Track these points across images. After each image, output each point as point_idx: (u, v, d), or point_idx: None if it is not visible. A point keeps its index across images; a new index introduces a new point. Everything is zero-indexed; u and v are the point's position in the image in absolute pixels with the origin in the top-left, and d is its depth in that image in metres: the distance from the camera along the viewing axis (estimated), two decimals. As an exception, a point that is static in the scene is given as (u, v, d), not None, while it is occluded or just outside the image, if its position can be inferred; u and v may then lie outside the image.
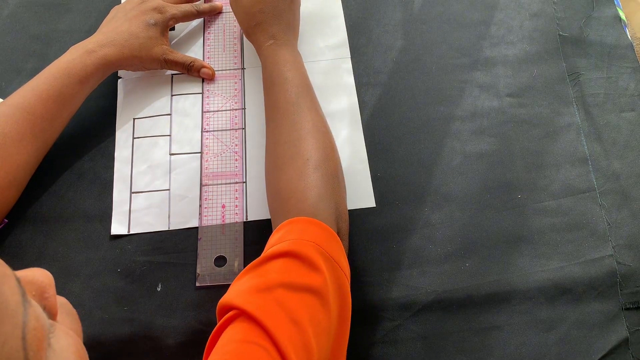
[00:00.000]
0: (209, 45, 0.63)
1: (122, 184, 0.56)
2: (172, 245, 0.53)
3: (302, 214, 0.44)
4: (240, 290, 0.39)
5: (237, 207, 0.55)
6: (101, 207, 0.55)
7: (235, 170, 0.56)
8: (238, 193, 0.55)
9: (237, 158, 0.57)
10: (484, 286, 0.51)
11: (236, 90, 0.61)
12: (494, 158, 0.57)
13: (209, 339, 0.37)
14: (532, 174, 0.56)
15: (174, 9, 0.59)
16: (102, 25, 0.59)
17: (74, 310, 0.34)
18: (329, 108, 0.59)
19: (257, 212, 0.54)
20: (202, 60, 0.61)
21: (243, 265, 0.52)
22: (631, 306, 0.50)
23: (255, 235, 0.54)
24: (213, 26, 0.65)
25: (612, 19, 0.63)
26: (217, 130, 0.58)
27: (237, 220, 0.54)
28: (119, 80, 0.61)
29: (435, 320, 0.50)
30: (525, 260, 0.52)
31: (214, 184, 0.56)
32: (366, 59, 0.62)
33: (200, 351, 0.49)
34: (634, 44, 0.63)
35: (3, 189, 0.50)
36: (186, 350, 0.49)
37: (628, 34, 0.63)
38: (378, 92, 0.60)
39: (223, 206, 0.55)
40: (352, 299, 0.42)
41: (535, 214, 0.54)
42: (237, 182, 0.56)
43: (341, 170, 0.51)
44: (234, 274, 0.52)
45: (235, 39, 0.64)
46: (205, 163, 0.57)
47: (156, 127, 0.59)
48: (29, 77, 0.61)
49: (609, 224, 0.54)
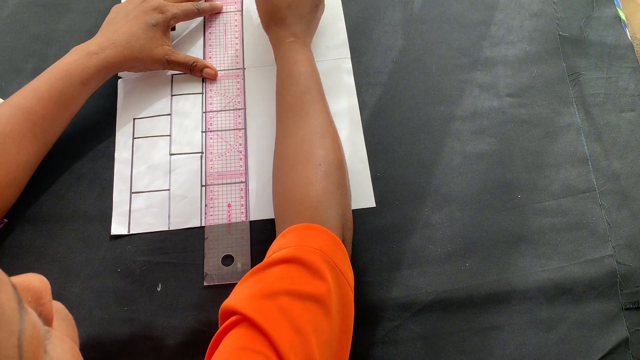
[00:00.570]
0: (210, 45, 0.63)
1: (122, 184, 0.56)
2: (172, 245, 0.53)
3: (310, 220, 0.44)
4: (244, 295, 0.38)
5: (242, 206, 0.55)
6: (101, 208, 0.55)
7: (240, 169, 0.56)
8: (243, 192, 0.55)
9: (242, 157, 0.57)
10: (484, 286, 0.51)
11: (239, 89, 0.61)
12: (494, 158, 0.57)
13: (211, 343, 0.37)
14: (532, 174, 0.56)
15: (174, 8, 0.59)
16: (103, 25, 0.59)
17: (69, 316, 0.33)
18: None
19: (260, 212, 0.54)
20: (204, 60, 0.61)
21: (250, 264, 0.52)
22: (631, 306, 0.50)
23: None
24: (214, 26, 0.65)
25: (612, 19, 0.63)
26: (221, 130, 0.58)
27: (243, 219, 0.54)
28: (119, 81, 0.61)
29: (435, 320, 0.50)
30: (525, 260, 0.52)
31: (219, 184, 0.56)
32: (366, 59, 0.62)
33: (200, 351, 0.49)
34: (634, 44, 0.63)
35: (3, 189, 0.50)
36: (186, 350, 0.49)
37: (628, 34, 0.63)
38: (378, 92, 0.60)
39: (229, 205, 0.55)
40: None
41: (535, 214, 0.54)
42: (242, 182, 0.56)
43: (348, 177, 0.51)
44: (241, 272, 0.52)
45: (236, 38, 0.64)
46: (209, 163, 0.57)
47: (156, 127, 0.59)
48: (29, 77, 0.61)
49: (609, 224, 0.54)
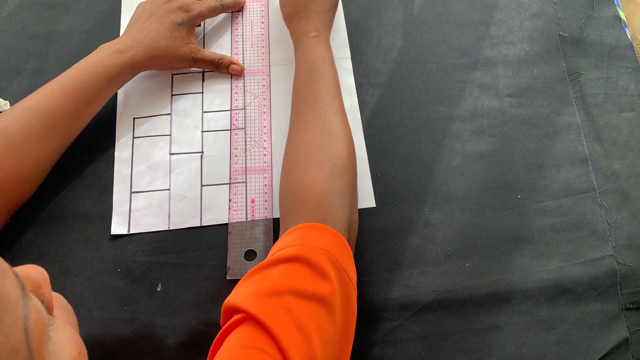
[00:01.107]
0: (236, 42, 0.63)
1: (122, 184, 0.56)
2: (172, 245, 0.53)
3: (319, 218, 0.44)
4: (248, 292, 0.38)
5: (266, 202, 0.55)
6: (101, 208, 0.55)
7: (265, 165, 0.56)
8: (267, 188, 0.56)
9: (266, 154, 0.57)
10: (484, 286, 0.51)
11: (264, 86, 0.61)
12: (494, 158, 0.57)
13: (215, 341, 0.37)
14: (532, 174, 0.56)
15: (199, 7, 0.59)
16: (129, 24, 0.59)
17: (69, 305, 0.34)
18: (329, 108, 0.59)
19: None
20: (230, 57, 0.61)
21: None
22: (631, 306, 0.50)
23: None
24: (240, 23, 0.65)
25: (612, 19, 0.63)
26: (245, 127, 0.58)
27: (267, 215, 0.54)
28: (119, 80, 0.61)
29: (435, 320, 0.50)
30: (525, 260, 0.52)
31: (242, 181, 0.56)
32: (366, 59, 0.62)
33: (201, 351, 0.49)
34: (634, 44, 0.63)
35: (23, 183, 0.51)
36: (186, 350, 0.49)
37: (628, 34, 0.63)
38: (378, 92, 0.60)
39: (252, 201, 0.55)
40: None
41: (535, 214, 0.54)
42: (265, 177, 0.56)
43: (356, 178, 0.51)
44: None
45: (262, 34, 0.64)
46: (234, 158, 0.57)
47: (156, 127, 0.59)
48: (29, 77, 0.61)
49: (609, 224, 0.54)
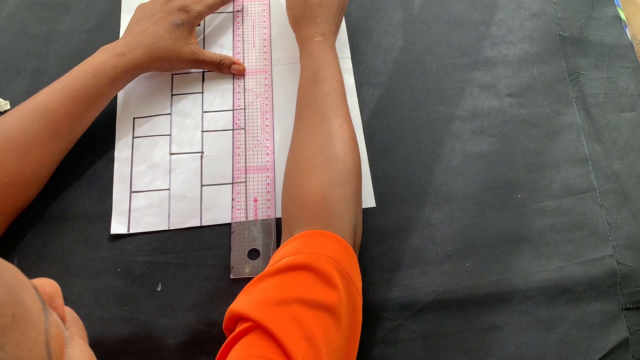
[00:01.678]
0: (238, 42, 0.63)
1: (122, 184, 0.56)
2: (172, 245, 0.53)
3: (324, 225, 0.44)
4: (255, 300, 0.38)
5: (269, 201, 0.55)
6: (101, 208, 0.55)
7: (267, 164, 0.57)
8: (270, 187, 0.56)
9: (269, 153, 0.57)
10: (484, 286, 0.51)
11: (266, 85, 0.61)
12: (494, 158, 0.57)
13: (222, 349, 0.36)
14: (532, 174, 0.56)
15: (198, 6, 0.58)
16: (128, 26, 0.59)
17: (79, 319, 0.34)
18: (329, 108, 0.59)
19: None
20: (231, 57, 0.61)
21: None
22: (631, 306, 0.50)
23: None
24: (242, 23, 0.65)
25: (612, 19, 0.63)
26: (248, 127, 0.58)
27: (270, 214, 0.54)
28: (119, 80, 0.61)
29: (435, 320, 0.50)
30: (525, 260, 0.52)
31: (243, 181, 0.56)
32: (366, 59, 0.62)
33: (201, 351, 0.49)
34: (634, 44, 0.63)
35: (27, 186, 0.51)
36: (186, 350, 0.49)
37: (628, 34, 0.63)
38: (378, 92, 0.60)
39: (255, 200, 0.55)
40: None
41: (536, 214, 0.54)
42: (268, 177, 0.56)
43: (361, 184, 0.50)
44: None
45: (265, 34, 0.64)
46: (236, 157, 0.57)
47: (156, 126, 0.59)
48: (29, 77, 0.61)
49: (609, 224, 0.54)
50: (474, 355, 0.49)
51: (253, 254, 0.53)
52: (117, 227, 0.54)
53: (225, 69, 0.60)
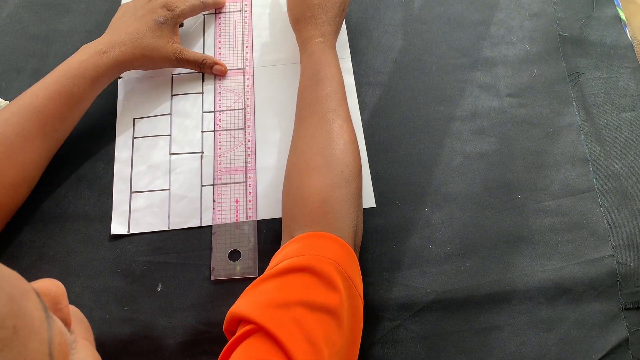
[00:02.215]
0: (220, 42, 0.63)
1: (122, 184, 0.56)
2: (172, 245, 0.53)
3: (325, 227, 0.43)
4: (257, 302, 0.38)
5: (250, 202, 0.55)
6: (101, 208, 0.55)
7: (249, 165, 0.57)
8: (252, 188, 0.56)
9: (250, 154, 0.57)
10: (484, 286, 0.51)
11: (248, 87, 0.61)
12: (494, 158, 0.57)
13: (224, 351, 0.36)
14: (532, 174, 0.56)
15: (182, 5, 0.59)
16: (111, 24, 0.58)
17: (85, 319, 0.34)
18: (329, 108, 0.59)
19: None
20: (213, 57, 0.61)
21: (257, 259, 0.52)
22: (631, 306, 0.50)
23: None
24: (223, 24, 0.65)
25: (612, 19, 0.63)
26: (229, 129, 0.58)
27: (251, 215, 0.54)
28: (119, 81, 0.61)
29: (435, 320, 0.50)
30: (525, 260, 0.52)
31: (227, 182, 0.56)
32: (366, 60, 0.62)
33: (200, 351, 0.49)
34: (634, 44, 0.63)
35: (15, 187, 0.51)
36: (186, 350, 0.49)
37: (628, 34, 0.63)
38: (378, 92, 0.60)
39: (236, 201, 0.55)
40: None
41: (535, 214, 0.54)
42: (250, 177, 0.56)
43: (362, 186, 0.50)
44: (248, 267, 0.52)
45: (246, 34, 0.64)
46: (217, 158, 0.57)
47: (156, 127, 0.59)
48: (29, 77, 0.61)
49: (609, 224, 0.54)
50: (474, 355, 0.49)
51: (234, 255, 0.53)
52: (117, 227, 0.54)
53: (207, 69, 0.60)
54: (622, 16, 0.64)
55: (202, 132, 0.58)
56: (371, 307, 0.50)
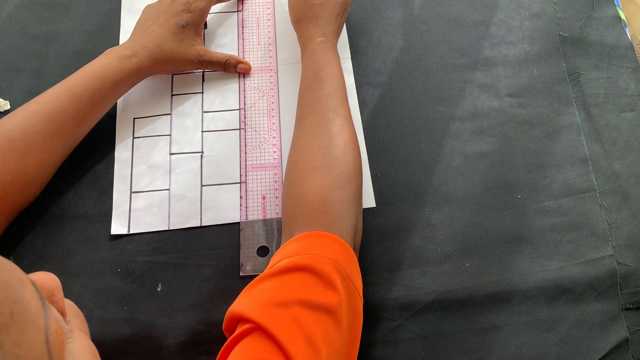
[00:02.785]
0: (243, 40, 0.64)
1: (122, 184, 0.56)
2: (172, 245, 0.53)
3: (325, 226, 0.44)
4: (256, 301, 0.38)
5: (277, 198, 0.55)
6: (101, 208, 0.55)
7: (275, 162, 0.57)
8: (278, 185, 0.56)
9: (276, 150, 0.57)
10: (484, 286, 0.51)
11: (272, 83, 0.61)
12: (494, 158, 0.57)
13: (222, 350, 0.36)
14: (532, 174, 0.56)
15: (200, 3, 0.58)
16: (135, 28, 0.59)
17: (80, 312, 0.34)
18: (329, 108, 0.59)
19: None
20: (237, 56, 0.61)
21: None
22: (631, 306, 0.50)
23: None
24: (247, 21, 0.65)
25: (612, 19, 0.63)
26: (255, 125, 0.59)
27: (278, 211, 0.55)
28: (119, 80, 0.61)
29: (435, 320, 0.50)
30: (525, 260, 0.52)
31: (253, 177, 0.56)
32: (366, 60, 0.62)
33: (200, 351, 0.49)
34: (634, 44, 0.63)
35: (28, 185, 0.51)
36: (186, 350, 0.49)
37: (628, 34, 0.63)
38: (378, 92, 0.60)
39: (263, 197, 0.55)
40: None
41: (536, 214, 0.54)
42: (276, 174, 0.56)
43: (362, 185, 0.50)
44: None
45: (269, 32, 0.64)
46: (243, 155, 0.57)
47: (156, 127, 0.59)
48: (29, 77, 0.61)
49: (609, 224, 0.54)
50: (474, 355, 0.49)
51: (262, 251, 0.53)
52: (117, 227, 0.54)
53: (231, 69, 0.60)
54: (622, 16, 0.64)
55: (202, 132, 0.58)
56: (371, 307, 0.50)
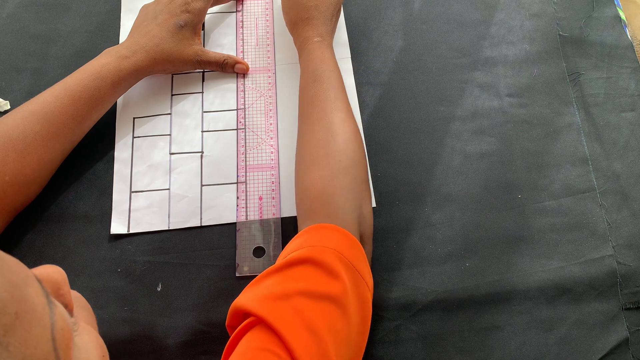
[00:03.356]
0: (241, 40, 0.63)
1: (122, 184, 0.56)
2: (172, 245, 0.53)
3: (326, 218, 0.44)
4: (258, 295, 0.38)
5: (274, 199, 0.55)
6: (101, 208, 0.55)
7: (272, 163, 0.57)
8: (275, 185, 0.56)
9: (273, 151, 0.57)
10: (484, 286, 0.51)
11: (270, 84, 0.61)
12: (494, 158, 0.57)
13: (228, 344, 0.37)
14: (532, 174, 0.56)
15: (198, 2, 0.58)
16: (132, 27, 0.59)
17: (87, 304, 0.34)
18: (329, 108, 0.59)
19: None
20: (235, 56, 0.61)
21: None
22: (631, 306, 0.50)
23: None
24: (245, 21, 0.65)
25: (612, 19, 0.63)
26: (251, 127, 0.59)
27: (275, 212, 0.54)
28: (119, 80, 0.61)
29: (435, 320, 0.50)
30: (525, 260, 0.52)
31: (251, 178, 0.56)
32: (366, 60, 0.62)
33: (200, 351, 0.49)
34: (634, 44, 0.63)
35: (27, 185, 0.51)
36: (186, 350, 0.49)
37: (628, 34, 0.63)
38: (378, 92, 0.60)
39: (260, 198, 0.55)
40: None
41: (536, 214, 0.54)
42: (273, 175, 0.56)
43: (368, 173, 0.50)
44: (272, 264, 0.52)
45: (267, 32, 0.64)
46: (240, 156, 0.57)
47: (156, 127, 0.59)
48: (29, 77, 0.61)
49: (609, 224, 0.54)
50: (474, 355, 0.49)
51: (258, 252, 0.53)
52: (117, 227, 0.54)
53: (229, 69, 0.60)
54: (622, 16, 0.64)
55: (202, 132, 0.58)
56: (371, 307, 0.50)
